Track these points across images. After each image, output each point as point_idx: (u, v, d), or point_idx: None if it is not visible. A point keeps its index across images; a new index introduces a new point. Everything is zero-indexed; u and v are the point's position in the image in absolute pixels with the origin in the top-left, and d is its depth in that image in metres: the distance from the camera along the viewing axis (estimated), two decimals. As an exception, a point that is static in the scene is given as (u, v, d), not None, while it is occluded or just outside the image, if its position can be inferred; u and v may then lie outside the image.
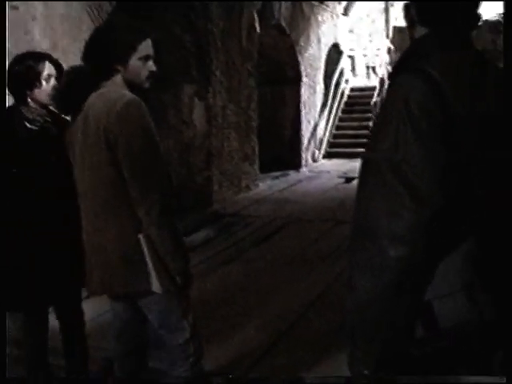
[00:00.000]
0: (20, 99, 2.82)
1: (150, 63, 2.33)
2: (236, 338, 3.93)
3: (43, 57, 2.88)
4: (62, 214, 2.69)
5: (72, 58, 5.32)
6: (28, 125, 2.77)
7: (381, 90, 14.82)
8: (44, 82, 2.77)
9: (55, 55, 5.24)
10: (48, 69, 2.80)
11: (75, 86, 2.32)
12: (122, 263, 2.22)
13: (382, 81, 15.07)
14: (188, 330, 2.38)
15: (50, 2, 5.30)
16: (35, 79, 2.77)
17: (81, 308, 3.10)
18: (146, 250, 2.17)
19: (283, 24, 11.01)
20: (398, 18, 19.03)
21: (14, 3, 4.96)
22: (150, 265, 2.18)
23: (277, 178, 11.19)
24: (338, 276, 5.27)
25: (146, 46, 2.31)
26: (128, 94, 2.22)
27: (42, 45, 5.23)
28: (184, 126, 8.30)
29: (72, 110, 2.35)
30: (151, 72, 2.34)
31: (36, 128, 2.79)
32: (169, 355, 2.44)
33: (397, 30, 15.71)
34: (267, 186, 10.33)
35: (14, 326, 3.15)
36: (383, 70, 15.57)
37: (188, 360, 2.41)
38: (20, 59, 2.84)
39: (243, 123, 9.42)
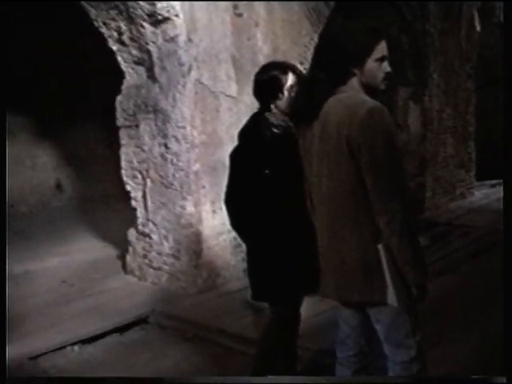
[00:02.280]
0: (264, 106, 2.94)
1: (385, 64, 2.27)
2: (452, 355, 3.67)
3: (287, 67, 2.96)
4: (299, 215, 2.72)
5: (292, 61, 5.43)
6: (274, 129, 2.87)
7: None
8: (286, 92, 2.86)
9: (275, 58, 5.43)
10: (291, 79, 2.87)
11: (311, 93, 2.32)
12: (359, 272, 2.17)
13: None
14: (414, 348, 2.25)
15: (272, 8, 5.44)
16: (279, 89, 2.86)
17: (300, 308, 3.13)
18: (384, 260, 2.09)
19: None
20: None
21: (239, 10, 5.15)
22: (388, 276, 2.09)
23: (494, 186, 10.44)
24: None
25: (382, 47, 2.25)
26: (370, 100, 2.16)
27: (264, 49, 5.39)
28: (398, 130, 8.07)
29: (308, 118, 2.33)
30: (387, 73, 2.28)
31: (280, 132, 2.88)
32: (391, 370, 2.31)
33: None
34: (483, 194, 9.67)
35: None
36: None
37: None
38: (265, 69, 2.98)
39: (460, 128, 8.93)
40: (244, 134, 3.06)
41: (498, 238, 6.74)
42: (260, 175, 2.84)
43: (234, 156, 3.02)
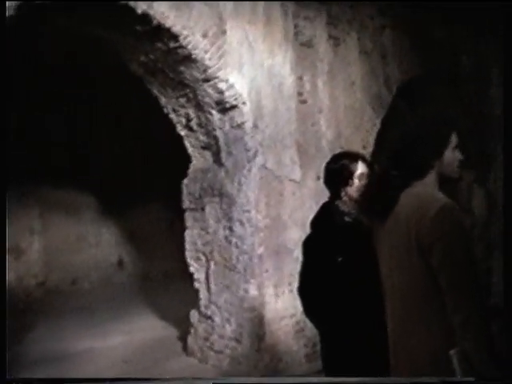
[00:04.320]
0: (335, 194, 3.03)
1: (457, 152, 2.22)
2: None
3: (357, 157, 3.06)
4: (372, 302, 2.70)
5: (355, 147, 5.50)
6: (345, 217, 2.93)
7: None
8: (357, 180, 2.93)
9: (339, 144, 5.52)
10: (361, 168, 2.96)
11: (383, 186, 2.28)
12: (429, 368, 2.10)
13: None
14: None
15: (335, 95, 5.57)
16: (349, 177, 2.94)
17: None
18: (457, 366, 2.02)
19: None
20: None
21: (303, 97, 5.30)
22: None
23: None
24: None
25: (454, 136, 2.21)
26: (442, 198, 2.10)
27: (327, 135, 5.49)
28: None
29: (381, 214, 2.29)
30: (460, 161, 2.23)
31: (351, 220, 2.92)
32: None
33: None
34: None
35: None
36: None
37: None
38: (336, 158, 3.10)
39: (526, 210, 8.73)
40: (316, 222, 3.10)
41: None
42: (333, 263, 2.85)
43: (307, 244, 3.06)
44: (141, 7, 4.11)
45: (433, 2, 6.48)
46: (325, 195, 4.98)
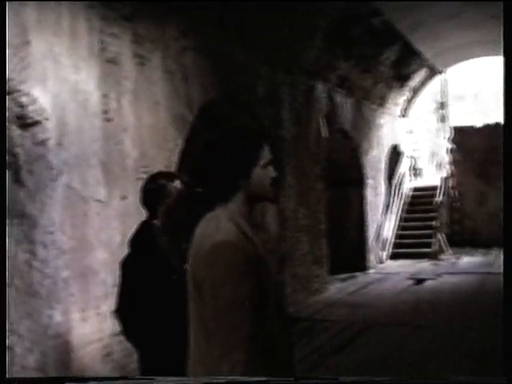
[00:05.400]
0: (153, 213, 3.03)
1: (271, 169, 1.98)
2: None
3: (174, 176, 3.13)
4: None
5: (159, 166, 5.52)
6: (164, 237, 2.88)
7: (444, 188, 14.76)
8: None
9: (143, 163, 5.50)
10: (179, 187, 3.00)
11: (181, 206, 2.12)
12: None
13: (445, 179, 15.03)
14: None
15: (140, 114, 5.54)
16: (166, 196, 2.93)
17: None
18: None
19: (346, 128, 11.22)
20: (456, 118, 19.24)
21: (108, 115, 5.20)
22: None
23: (345, 280, 11.04)
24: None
25: (266, 152, 1.98)
26: (222, 233, 1.80)
27: (132, 154, 5.43)
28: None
29: (182, 234, 2.13)
30: (272, 178, 1.98)
31: (171, 238, 2.90)
32: None
33: (457, 130, 15.81)
34: (337, 288, 10.18)
35: None
36: (445, 170, 15.56)
37: None
38: (153, 178, 3.13)
39: (313, 226, 9.43)
40: (135, 241, 3.05)
41: (356, 331, 7.09)
42: (156, 282, 2.83)
43: (127, 264, 2.99)
44: None
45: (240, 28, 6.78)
46: (131, 215, 4.96)
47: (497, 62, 21.32)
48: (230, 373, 1.71)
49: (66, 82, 4.79)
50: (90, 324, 4.87)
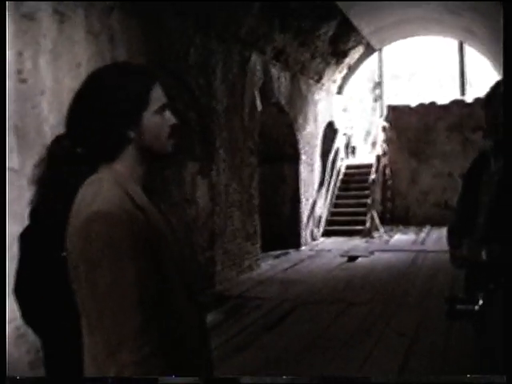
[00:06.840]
0: None
1: (168, 115, 1.61)
2: None
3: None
4: None
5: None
6: None
7: (378, 166, 14.80)
8: None
9: (62, 129, 5.09)
10: None
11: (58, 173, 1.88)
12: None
13: (378, 158, 15.07)
14: None
15: (59, 76, 5.12)
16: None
17: None
18: None
19: (282, 102, 10.99)
20: (390, 97, 19.36)
21: (23, 76, 4.76)
22: None
23: (277, 257, 10.88)
24: (364, 364, 4.91)
25: (159, 94, 1.60)
26: (100, 201, 1.45)
27: (50, 119, 5.02)
28: (187, 205, 8.04)
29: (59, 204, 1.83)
30: (172, 127, 1.62)
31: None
32: None
33: (391, 108, 15.86)
34: (269, 265, 10.01)
35: None
36: (379, 148, 15.60)
37: None
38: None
39: (245, 202, 9.19)
40: (34, 212, 2.68)
41: (287, 309, 6.93)
42: (54, 259, 2.47)
43: (24, 237, 2.62)
44: None
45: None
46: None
47: (434, 42, 21.64)
48: (119, 376, 1.39)
49: (-27, 35, 4.33)
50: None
